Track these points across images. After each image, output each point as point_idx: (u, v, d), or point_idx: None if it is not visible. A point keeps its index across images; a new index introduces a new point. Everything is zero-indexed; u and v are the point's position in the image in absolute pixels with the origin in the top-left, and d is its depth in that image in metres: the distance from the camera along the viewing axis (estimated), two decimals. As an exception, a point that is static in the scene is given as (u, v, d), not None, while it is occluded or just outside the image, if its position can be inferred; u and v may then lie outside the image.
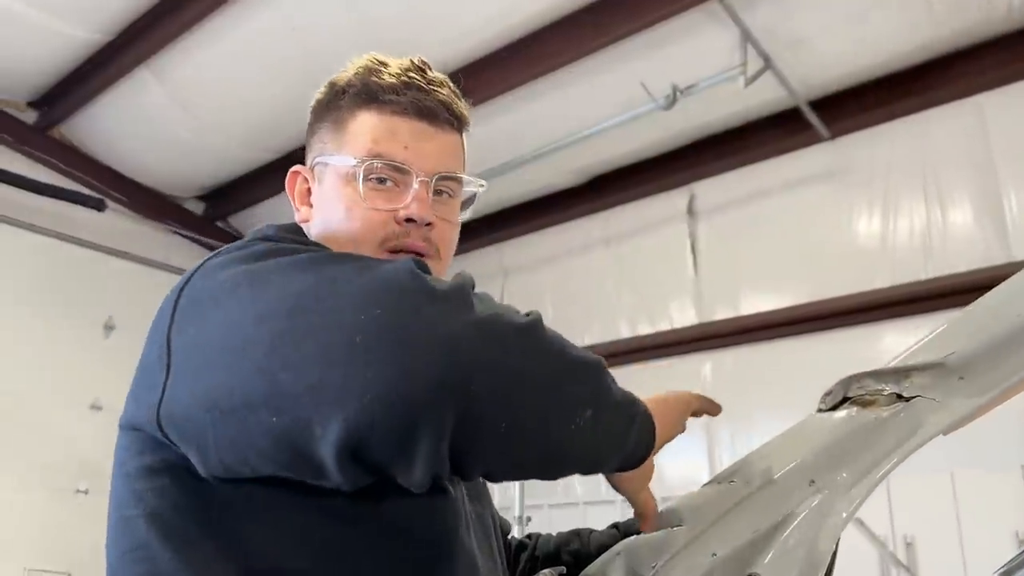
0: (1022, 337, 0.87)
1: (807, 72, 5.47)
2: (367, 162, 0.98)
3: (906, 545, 4.58)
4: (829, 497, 0.89)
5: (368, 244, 0.98)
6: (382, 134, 1.00)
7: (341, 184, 1.01)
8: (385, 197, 0.99)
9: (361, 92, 1.02)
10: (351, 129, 1.02)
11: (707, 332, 6.36)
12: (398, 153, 1.00)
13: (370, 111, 1.01)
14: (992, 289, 0.97)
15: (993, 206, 5.24)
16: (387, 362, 0.66)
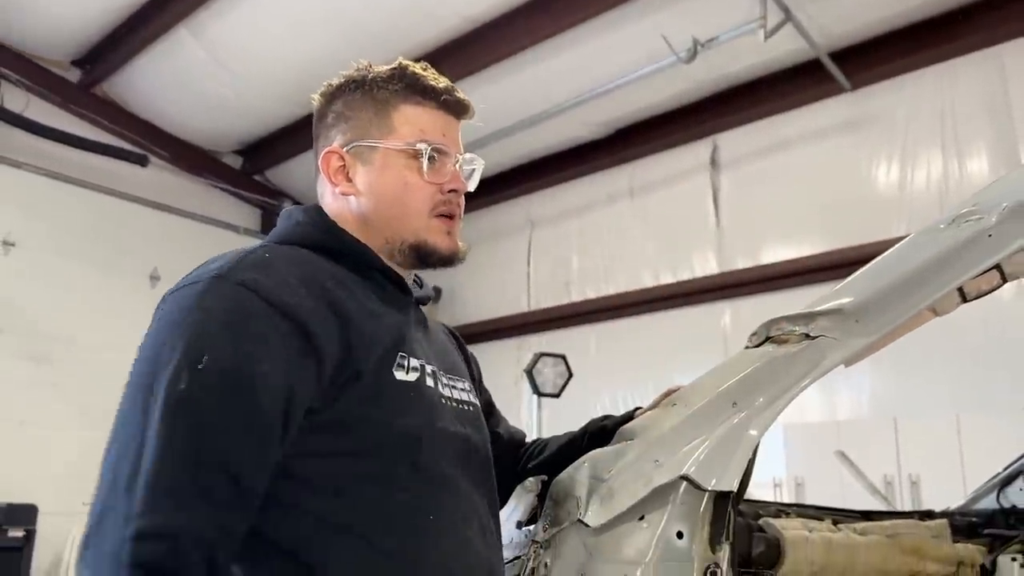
0: (904, 289, 1.07)
1: (827, 23, 5.52)
2: (429, 145, 1.23)
3: (911, 484, 4.81)
4: (747, 416, 1.11)
5: (422, 211, 1.23)
6: (427, 124, 1.24)
7: (398, 162, 1.22)
8: (435, 173, 1.23)
9: (405, 90, 1.25)
10: (397, 117, 1.23)
11: (727, 281, 6.53)
12: (440, 139, 1.24)
13: (413, 104, 1.24)
14: (902, 242, 1.17)
15: (1010, 155, 5.30)
16: None
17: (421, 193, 1.22)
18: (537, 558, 1.19)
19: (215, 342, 0.98)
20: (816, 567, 1.61)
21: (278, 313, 1.02)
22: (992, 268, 1.06)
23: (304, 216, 1.25)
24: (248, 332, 1.00)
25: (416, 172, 1.22)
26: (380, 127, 1.23)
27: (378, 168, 1.23)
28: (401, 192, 1.22)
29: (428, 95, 1.25)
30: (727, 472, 1.10)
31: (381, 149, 1.22)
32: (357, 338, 1.08)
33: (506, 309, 7.71)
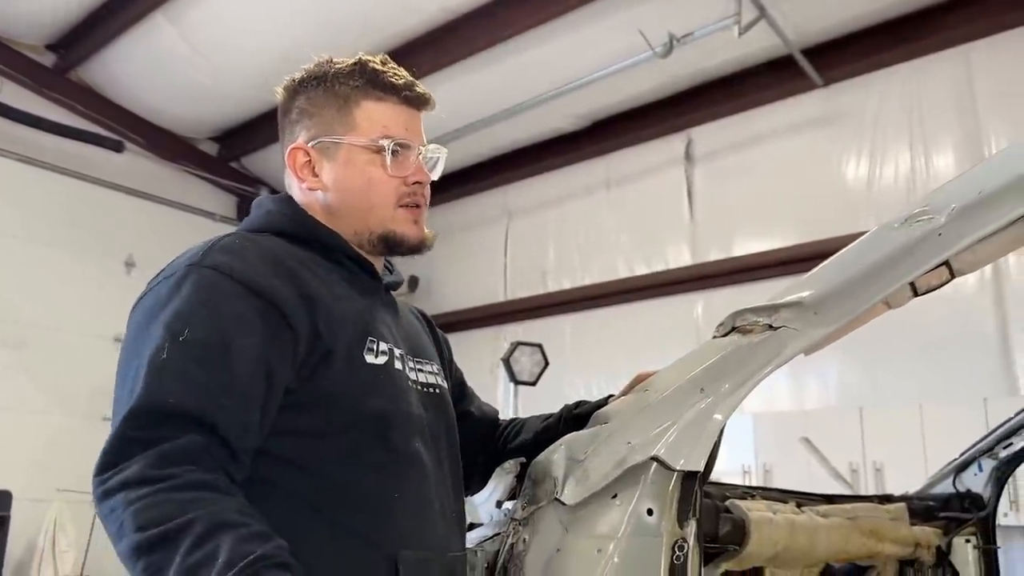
0: (860, 283, 1.15)
1: (800, 21, 5.63)
2: (388, 141, 1.27)
3: (876, 471, 4.96)
4: (714, 401, 1.19)
5: (388, 204, 1.28)
6: (389, 120, 1.28)
7: (362, 158, 1.27)
8: (398, 167, 1.28)
9: (366, 86, 1.28)
10: (358, 115, 1.27)
11: (700, 273, 6.64)
12: (402, 133, 1.29)
13: (375, 101, 1.28)
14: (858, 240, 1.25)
15: (975, 153, 5.45)
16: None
17: (386, 187, 1.27)
18: (516, 534, 1.26)
19: (195, 319, 1.05)
20: (779, 547, 1.70)
21: (251, 293, 1.09)
22: (941, 265, 1.14)
23: (275, 205, 1.31)
24: (225, 310, 1.07)
25: (380, 167, 1.27)
26: (343, 123, 1.28)
27: (343, 163, 1.27)
28: (366, 186, 1.27)
29: (389, 91, 1.29)
30: (694, 453, 1.17)
31: (345, 145, 1.27)
32: (325, 321, 1.13)
33: (483, 298, 7.78)
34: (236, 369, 1.04)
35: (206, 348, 1.03)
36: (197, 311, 1.06)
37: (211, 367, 1.03)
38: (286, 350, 1.09)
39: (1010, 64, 5.38)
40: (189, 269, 1.11)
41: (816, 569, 2.05)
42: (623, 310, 6.97)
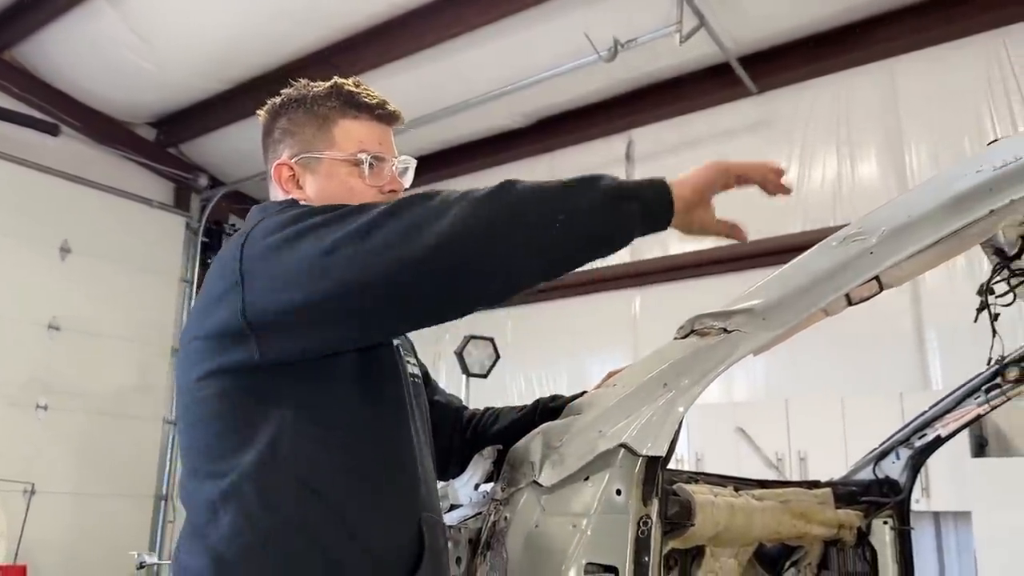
0: (803, 293, 1.33)
1: (738, 30, 5.88)
2: (368, 155, 1.41)
3: (800, 459, 5.26)
4: (676, 395, 1.35)
5: None
6: (365, 135, 1.43)
7: (342, 171, 1.41)
8: (375, 178, 1.42)
9: (342, 106, 1.43)
10: (338, 132, 1.41)
11: (638, 270, 6.86)
12: (377, 147, 1.43)
13: (351, 119, 1.43)
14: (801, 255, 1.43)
15: (897, 161, 5.79)
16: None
17: (364, 196, 1.40)
18: (498, 513, 1.40)
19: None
20: (720, 527, 1.87)
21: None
22: (872, 279, 1.32)
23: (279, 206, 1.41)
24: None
25: (358, 178, 1.41)
26: (323, 140, 1.41)
27: (324, 176, 1.41)
28: (347, 195, 1.39)
29: (363, 109, 1.43)
30: (658, 441, 1.33)
31: (326, 160, 1.41)
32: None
33: (425, 290, 7.87)
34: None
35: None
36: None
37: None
38: None
39: (931, 78, 5.73)
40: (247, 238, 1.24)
41: (751, 548, 2.23)
42: (563, 305, 7.16)
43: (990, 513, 4.55)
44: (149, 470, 7.69)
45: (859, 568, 2.58)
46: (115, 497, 7.24)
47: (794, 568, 2.46)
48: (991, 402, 2.48)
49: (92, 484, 7.02)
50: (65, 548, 6.69)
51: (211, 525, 1.19)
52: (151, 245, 7.99)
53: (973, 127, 5.44)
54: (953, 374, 5.23)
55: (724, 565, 2.13)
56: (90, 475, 7.02)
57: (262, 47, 6.53)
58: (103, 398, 7.28)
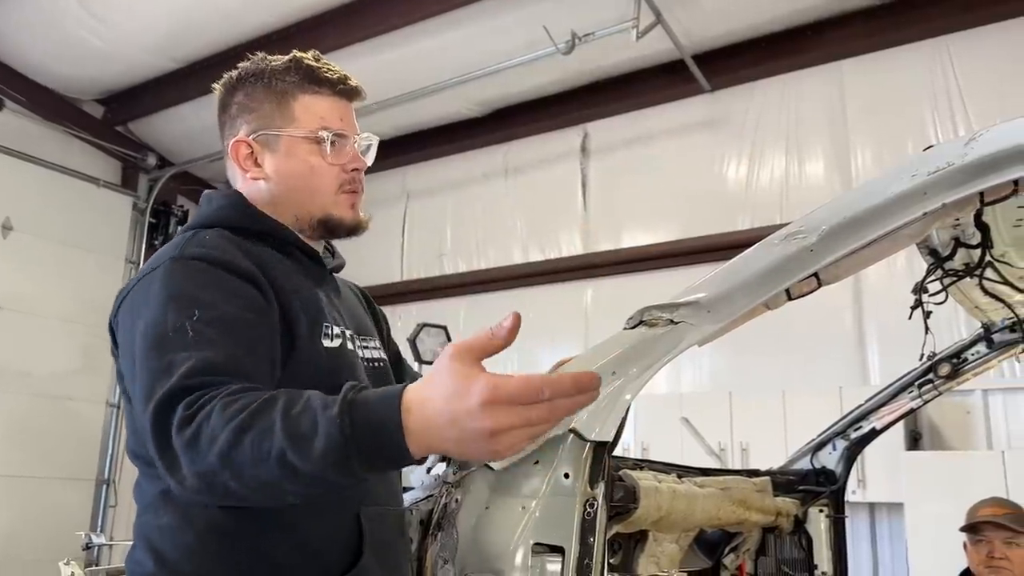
0: (746, 288, 1.38)
1: (693, 28, 5.98)
2: (327, 132, 1.38)
3: (742, 450, 5.40)
4: (623, 383, 1.40)
5: (329, 190, 1.39)
6: (326, 111, 1.38)
7: (302, 148, 1.36)
8: (337, 156, 1.38)
9: (302, 81, 1.39)
10: (296, 108, 1.37)
11: (591, 262, 6.96)
12: (339, 124, 1.39)
13: (312, 95, 1.38)
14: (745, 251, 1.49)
15: (843, 162, 5.96)
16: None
17: (326, 174, 1.38)
18: (449, 495, 1.43)
19: (199, 299, 1.15)
20: (663, 512, 1.94)
21: (237, 275, 1.20)
22: (812, 276, 1.39)
23: (225, 200, 1.40)
24: (223, 290, 1.18)
25: (319, 156, 1.37)
26: (282, 116, 1.37)
27: (284, 154, 1.37)
28: (308, 174, 1.37)
29: (324, 84, 1.39)
30: (606, 426, 1.38)
31: (285, 137, 1.37)
32: (287, 306, 1.26)
33: (380, 278, 7.83)
34: (255, 332, 1.15)
35: (221, 319, 1.13)
36: (202, 292, 1.16)
37: (230, 334, 1.12)
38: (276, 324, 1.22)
39: (877, 82, 5.90)
40: (173, 261, 1.21)
41: (692, 534, 2.30)
42: (516, 295, 7.21)
43: (921, 504, 4.74)
44: (92, 454, 7.55)
45: (795, 554, 2.68)
46: (57, 481, 7.09)
47: (733, 553, 2.55)
48: (923, 397, 2.60)
49: (33, 467, 6.86)
50: (4, 531, 6.54)
51: (154, 521, 1.21)
52: (96, 225, 7.81)
53: (917, 131, 5.62)
54: (891, 370, 5.39)
55: (666, 550, 2.20)
56: (31, 458, 6.87)
57: (217, 25, 6.42)
58: (45, 380, 7.11)
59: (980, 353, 2.47)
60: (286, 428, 0.94)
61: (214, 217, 1.37)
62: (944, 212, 1.32)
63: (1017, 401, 5.08)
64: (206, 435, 0.96)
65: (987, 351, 2.46)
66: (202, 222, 1.37)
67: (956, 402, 5.16)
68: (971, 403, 5.17)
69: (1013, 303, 2.20)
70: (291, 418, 0.95)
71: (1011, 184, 1.28)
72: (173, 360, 1.06)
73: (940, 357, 2.49)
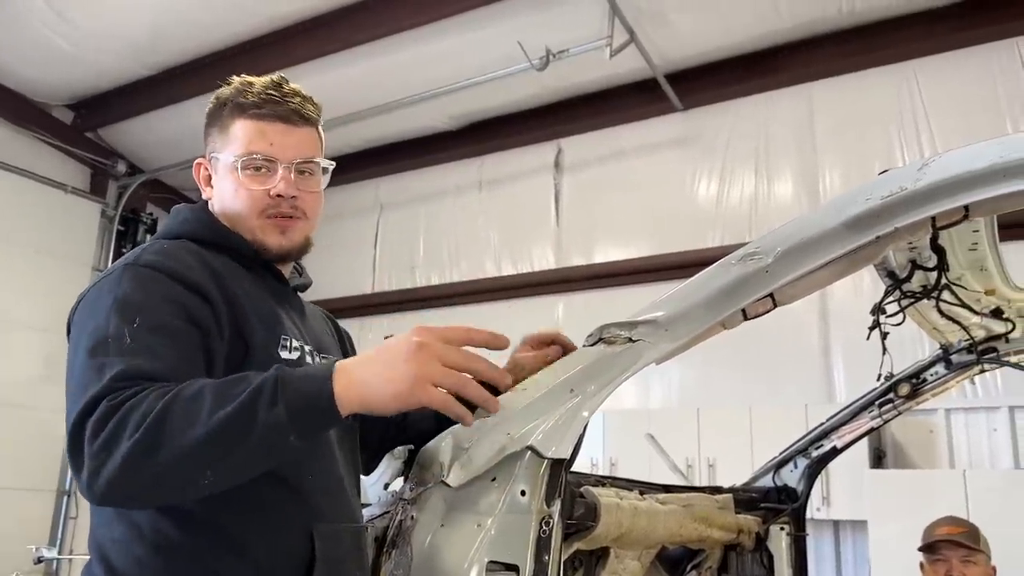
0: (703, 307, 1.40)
1: (666, 48, 6.05)
2: (245, 157, 1.39)
3: (709, 466, 5.43)
4: (582, 400, 1.40)
5: (252, 214, 1.39)
6: (253, 136, 1.38)
7: (230, 173, 1.39)
8: (260, 180, 1.38)
9: (235, 106, 1.41)
10: (231, 133, 1.40)
11: (563, 276, 6.98)
12: (266, 149, 1.38)
13: (242, 119, 1.39)
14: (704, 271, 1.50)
15: (811, 182, 6.04)
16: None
17: (248, 199, 1.38)
18: (405, 512, 1.42)
19: (143, 309, 1.17)
20: (624, 528, 1.94)
21: (185, 287, 1.22)
22: (767, 296, 1.40)
23: (191, 214, 1.43)
24: (167, 299, 1.20)
25: (238, 181, 1.38)
26: (222, 140, 1.41)
27: (221, 177, 1.41)
28: (232, 198, 1.39)
29: (255, 109, 1.39)
30: (563, 444, 1.39)
31: (221, 160, 1.41)
32: (244, 317, 1.27)
33: (351, 289, 7.81)
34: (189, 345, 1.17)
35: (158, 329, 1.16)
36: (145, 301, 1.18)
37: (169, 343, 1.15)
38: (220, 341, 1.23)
39: (845, 105, 6.01)
40: (127, 269, 1.23)
41: (654, 551, 2.31)
42: (489, 308, 7.21)
43: (884, 522, 4.78)
44: (53, 464, 7.41)
45: (757, 572, 2.69)
46: (16, 491, 6.95)
47: (695, 571, 2.56)
48: (884, 416, 2.63)
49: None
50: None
51: (108, 535, 1.22)
52: (64, 232, 7.71)
53: (883, 153, 5.72)
54: (856, 388, 5.47)
55: (628, 567, 2.20)
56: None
57: (190, 33, 6.38)
58: (7, 388, 6.99)
59: (939, 374, 2.51)
60: (215, 389, 1.05)
61: (178, 229, 1.40)
62: (897, 236, 1.34)
63: (978, 420, 5.17)
64: (132, 420, 1.01)
65: (946, 372, 2.50)
66: (167, 233, 1.40)
67: (919, 421, 5.23)
68: (934, 422, 5.24)
69: (969, 325, 2.24)
70: (221, 383, 1.06)
71: (962, 209, 1.31)
72: (105, 363, 1.10)
73: (900, 377, 2.53)
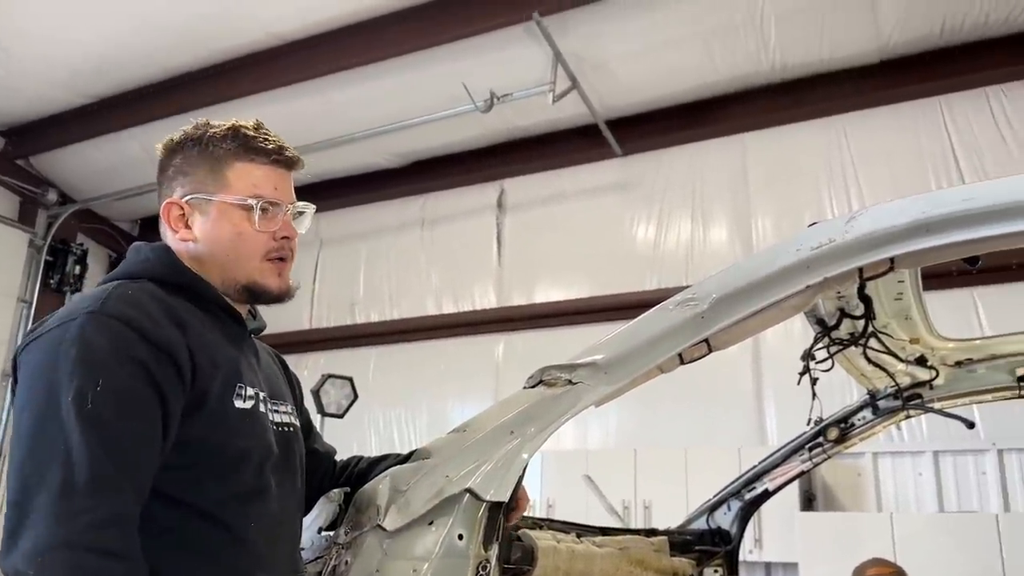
0: (641, 351, 1.43)
1: (608, 95, 6.20)
2: (260, 200, 1.40)
3: (645, 507, 5.46)
4: (521, 442, 1.41)
5: (255, 257, 1.40)
6: (259, 179, 1.41)
7: (232, 214, 1.40)
8: (267, 223, 1.42)
9: (238, 149, 1.41)
10: (233, 175, 1.40)
11: (504, 315, 7.00)
12: (273, 193, 1.43)
13: (248, 163, 1.42)
14: (643, 315, 1.53)
15: (744, 229, 6.22)
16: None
17: (254, 241, 1.39)
18: (339, 557, 1.40)
19: (106, 368, 1.14)
20: (561, 572, 1.94)
21: (151, 344, 1.19)
22: (702, 341, 1.44)
23: (153, 253, 1.40)
24: (131, 359, 1.17)
25: (248, 222, 1.39)
26: (215, 182, 1.40)
27: (214, 219, 1.39)
28: (235, 240, 1.39)
29: (260, 153, 1.42)
30: (502, 487, 1.39)
31: (217, 201, 1.39)
32: (202, 368, 1.25)
33: (287, 325, 7.68)
34: (147, 421, 1.15)
35: (119, 404, 1.13)
36: (108, 360, 1.15)
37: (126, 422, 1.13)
38: (179, 399, 1.20)
39: (777, 156, 6.22)
40: (91, 318, 1.18)
41: (590, 594, 2.31)
42: (429, 346, 7.18)
43: (815, 564, 4.87)
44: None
45: (691, 613, 2.71)
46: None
47: (631, 613, 2.56)
48: (813, 460, 2.70)
49: None
50: None
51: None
52: (-12, 260, 7.44)
53: (814, 203, 5.93)
54: (788, 431, 5.60)
55: (564, 610, 2.19)
56: None
57: (130, 63, 6.29)
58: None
59: (866, 419, 2.59)
60: None
61: (140, 269, 1.37)
62: (826, 285, 1.40)
63: (904, 464, 5.32)
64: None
65: (873, 417, 2.58)
66: (126, 273, 1.36)
67: (848, 464, 5.37)
68: (862, 465, 5.38)
69: (895, 372, 2.33)
70: None
71: (888, 262, 1.37)
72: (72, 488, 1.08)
73: (829, 422, 2.60)
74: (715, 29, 5.59)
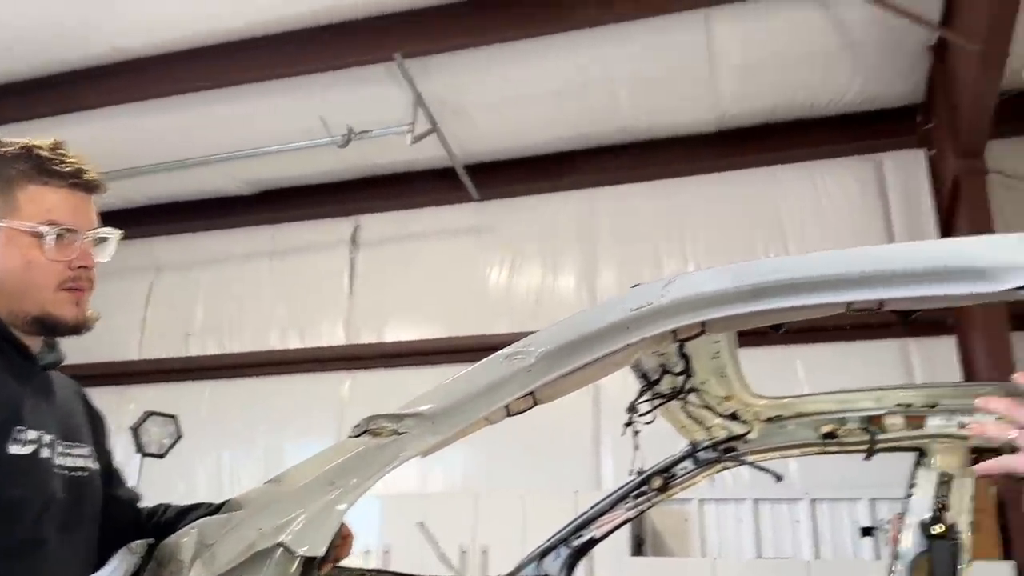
0: (469, 402, 1.44)
1: (466, 140, 6.30)
2: (52, 227, 1.29)
3: (482, 553, 5.44)
4: (342, 493, 1.38)
5: (48, 287, 1.30)
6: (54, 204, 1.31)
7: (21, 241, 1.29)
8: (62, 251, 1.32)
9: (31, 171, 1.31)
10: (23, 199, 1.30)
11: (352, 353, 6.88)
12: (69, 219, 1.33)
13: (41, 186, 1.32)
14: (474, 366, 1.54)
15: (590, 279, 6.44)
16: None
17: (46, 270, 1.29)
18: (138, 617, 1.31)
19: None
20: (383, 624, 1.90)
21: None
22: (528, 394, 1.47)
23: None
24: None
25: (39, 250, 1.29)
26: (5, 205, 1.29)
27: (2, 245, 1.29)
28: (24, 270, 1.28)
29: (55, 176, 1.32)
30: (317, 540, 1.35)
31: (4, 228, 1.29)
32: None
33: (112, 354, 7.17)
34: None
35: None
36: None
37: None
38: None
39: (621, 212, 6.51)
40: None
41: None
42: (271, 382, 6.93)
43: (644, 607, 4.99)
44: None
45: (519, 662, 2.71)
46: None
47: (456, 664, 2.54)
48: (639, 507, 2.78)
49: None
50: None
51: None
52: None
53: (651, 260, 6.25)
54: (623, 477, 5.75)
55: (385, 664, 2.14)
56: None
57: None
58: None
59: (687, 468, 2.69)
60: None
61: None
62: (644, 345, 1.46)
63: (727, 511, 5.59)
64: None
65: (693, 467, 2.69)
66: None
67: (675, 510, 5.58)
68: (688, 511, 5.60)
69: (712, 426, 2.45)
70: None
71: (699, 325, 1.46)
72: None
73: (652, 471, 2.69)
74: (568, 88, 5.82)
